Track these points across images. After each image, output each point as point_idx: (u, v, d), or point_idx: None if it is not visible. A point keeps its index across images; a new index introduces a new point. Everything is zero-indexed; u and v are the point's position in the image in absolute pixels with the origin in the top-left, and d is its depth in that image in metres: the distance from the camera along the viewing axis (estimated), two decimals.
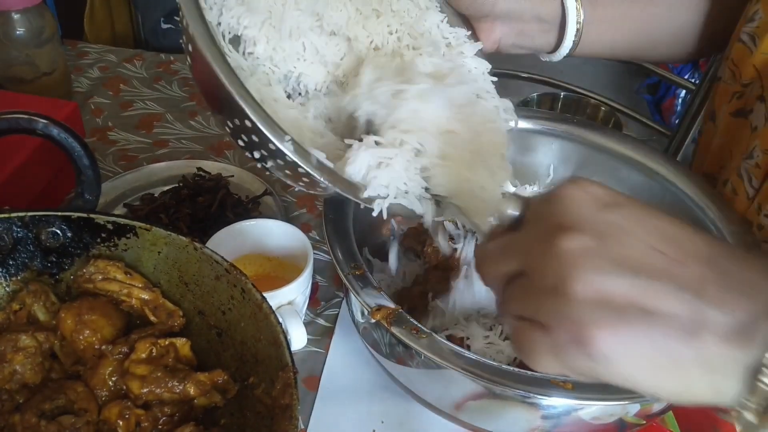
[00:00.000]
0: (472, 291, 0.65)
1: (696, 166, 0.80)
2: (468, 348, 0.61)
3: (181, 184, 0.82)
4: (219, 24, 0.53)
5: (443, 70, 0.54)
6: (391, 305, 0.54)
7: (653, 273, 0.34)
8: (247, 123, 0.46)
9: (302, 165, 0.47)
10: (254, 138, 0.47)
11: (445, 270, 0.67)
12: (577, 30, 0.65)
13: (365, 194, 0.49)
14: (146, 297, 0.56)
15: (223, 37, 0.54)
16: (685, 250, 0.35)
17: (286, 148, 0.46)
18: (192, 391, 0.51)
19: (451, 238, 0.68)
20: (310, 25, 0.56)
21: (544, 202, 0.38)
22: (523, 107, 0.94)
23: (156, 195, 0.82)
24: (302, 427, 0.63)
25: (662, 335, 0.33)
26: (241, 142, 0.49)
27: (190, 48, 0.48)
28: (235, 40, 0.55)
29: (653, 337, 0.33)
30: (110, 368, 0.52)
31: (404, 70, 0.53)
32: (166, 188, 0.82)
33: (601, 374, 0.34)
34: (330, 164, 0.48)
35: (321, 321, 0.73)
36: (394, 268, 0.69)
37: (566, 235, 0.35)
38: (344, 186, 0.49)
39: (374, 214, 0.49)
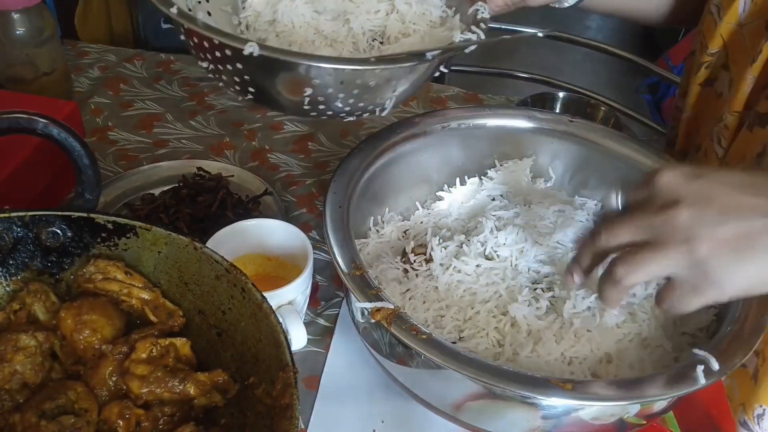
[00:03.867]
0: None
1: (678, 144, 0.85)
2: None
3: (181, 184, 0.82)
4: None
5: None
6: (391, 306, 0.54)
7: (747, 210, 0.48)
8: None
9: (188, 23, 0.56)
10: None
11: None
12: None
13: None
14: (146, 297, 0.56)
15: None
16: (756, 189, 0.48)
17: (172, 14, 0.56)
18: (192, 391, 0.51)
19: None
20: (312, 15, 0.66)
21: (646, 187, 0.51)
22: (523, 107, 0.94)
23: (156, 195, 0.82)
24: (302, 426, 0.63)
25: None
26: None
27: None
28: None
29: (755, 229, 0.47)
30: (110, 368, 0.52)
31: None
32: (166, 188, 0.82)
33: (730, 286, 0.49)
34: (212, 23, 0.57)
35: (321, 321, 0.73)
36: None
37: (677, 207, 0.48)
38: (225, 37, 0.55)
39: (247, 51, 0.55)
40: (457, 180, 0.78)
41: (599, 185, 0.78)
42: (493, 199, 0.77)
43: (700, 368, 0.52)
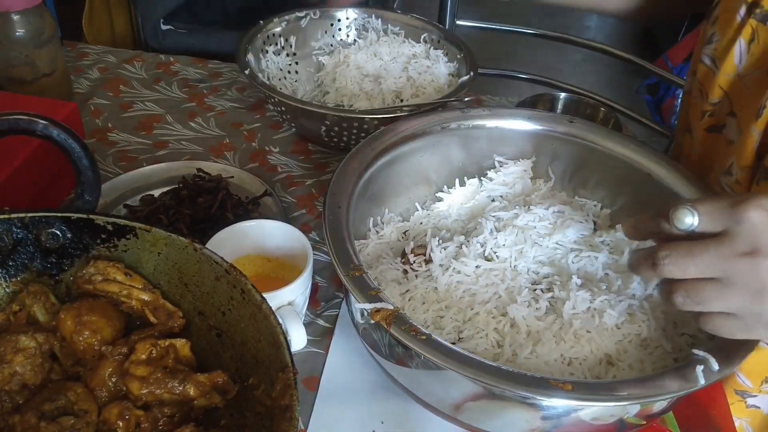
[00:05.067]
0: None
1: None
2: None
3: (180, 185, 0.82)
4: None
5: None
6: (391, 306, 0.54)
7: None
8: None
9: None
10: None
11: None
12: None
13: None
14: (146, 298, 0.56)
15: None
16: None
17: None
18: (192, 392, 0.51)
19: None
20: (360, 77, 1.03)
21: (734, 223, 0.48)
22: (523, 107, 0.94)
23: (156, 196, 0.82)
24: (302, 427, 0.63)
25: None
26: None
27: None
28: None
29: None
30: (110, 369, 0.52)
31: None
32: (166, 189, 0.83)
33: None
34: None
35: (321, 322, 0.73)
36: None
37: (760, 255, 0.47)
38: None
39: None
40: (457, 181, 0.78)
41: (599, 186, 0.78)
42: (493, 200, 0.77)
43: (699, 368, 0.52)
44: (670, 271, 0.50)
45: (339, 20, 1.11)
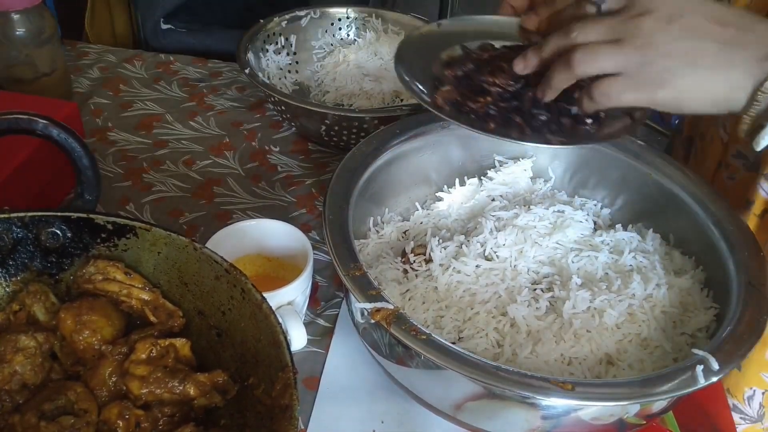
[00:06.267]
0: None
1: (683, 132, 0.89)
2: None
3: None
4: None
5: None
6: (391, 306, 0.54)
7: (705, 34, 0.53)
8: None
9: None
10: None
11: None
12: None
13: None
14: (146, 297, 0.56)
15: None
16: (724, 20, 0.53)
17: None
18: (192, 391, 0.51)
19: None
20: (360, 76, 1.04)
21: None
22: None
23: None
24: (302, 427, 0.63)
25: (711, 53, 0.52)
26: None
27: None
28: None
29: (704, 51, 0.53)
30: (110, 369, 0.52)
31: None
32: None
33: (665, 89, 0.53)
34: None
35: (321, 321, 0.73)
36: None
37: (647, 16, 0.53)
38: None
39: None
40: (457, 180, 0.78)
41: (599, 185, 0.78)
42: (493, 200, 0.77)
43: (699, 368, 0.52)
44: (576, 35, 0.55)
45: (339, 19, 1.12)
